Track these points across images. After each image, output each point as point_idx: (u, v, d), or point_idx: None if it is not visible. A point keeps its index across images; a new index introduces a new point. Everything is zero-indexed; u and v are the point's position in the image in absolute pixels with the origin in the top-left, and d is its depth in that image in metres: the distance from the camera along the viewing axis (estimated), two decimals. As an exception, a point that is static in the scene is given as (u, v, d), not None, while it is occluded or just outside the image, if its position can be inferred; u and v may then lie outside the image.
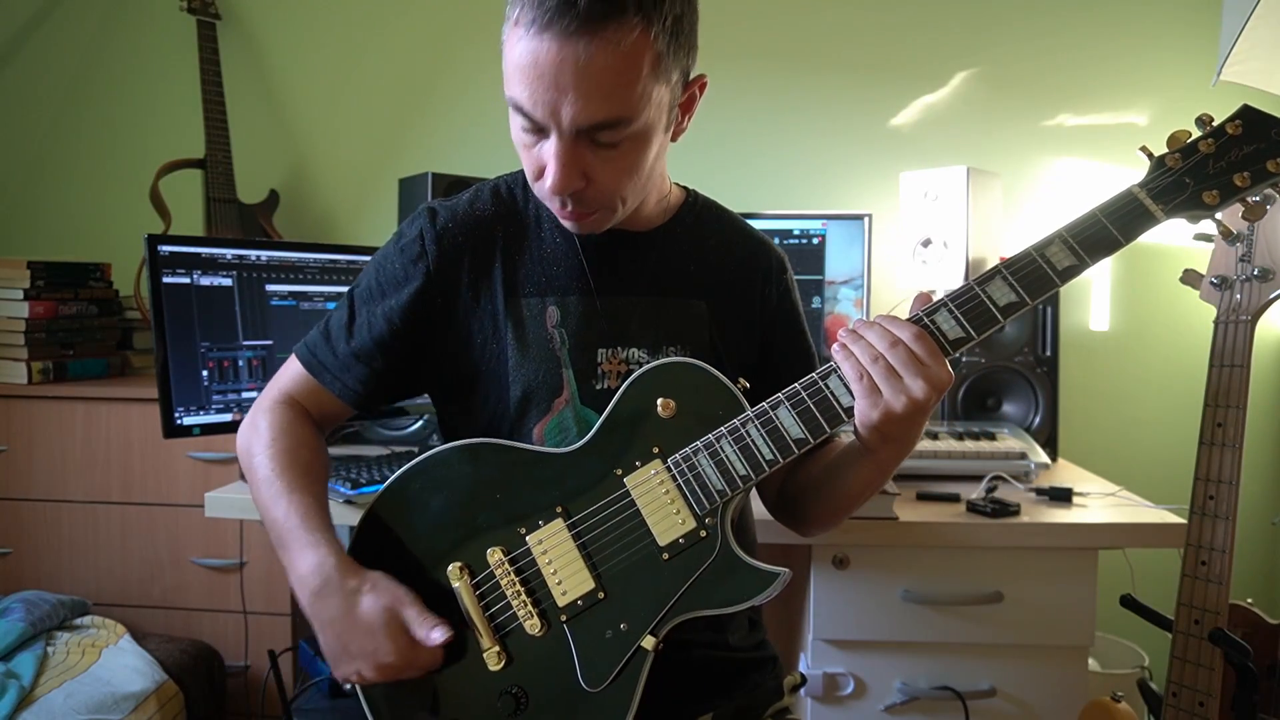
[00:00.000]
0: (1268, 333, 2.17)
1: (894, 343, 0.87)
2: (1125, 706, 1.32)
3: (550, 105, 0.86)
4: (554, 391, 1.02)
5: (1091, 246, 0.88)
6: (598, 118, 0.86)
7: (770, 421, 0.92)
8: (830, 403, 0.91)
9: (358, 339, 1.05)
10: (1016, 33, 2.23)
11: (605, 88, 0.85)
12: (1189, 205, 0.88)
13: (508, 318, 1.02)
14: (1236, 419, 1.25)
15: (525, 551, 0.95)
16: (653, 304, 1.05)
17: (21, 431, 1.99)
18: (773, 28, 2.29)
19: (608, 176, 0.92)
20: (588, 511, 0.95)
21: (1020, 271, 0.89)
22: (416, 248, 1.03)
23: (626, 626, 0.91)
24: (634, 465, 0.95)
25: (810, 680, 1.43)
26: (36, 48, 2.52)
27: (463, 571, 0.95)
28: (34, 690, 1.65)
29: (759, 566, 0.92)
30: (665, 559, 0.92)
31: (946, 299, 0.90)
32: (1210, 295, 1.30)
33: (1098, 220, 0.89)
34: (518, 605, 0.93)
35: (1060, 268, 0.89)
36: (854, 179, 2.30)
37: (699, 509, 0.92)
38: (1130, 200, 0.89)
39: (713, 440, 0.93)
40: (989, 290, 0.89)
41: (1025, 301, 0.89)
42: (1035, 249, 0.89)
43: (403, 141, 2.40)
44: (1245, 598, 1.38)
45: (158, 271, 1.50)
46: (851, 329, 0.90)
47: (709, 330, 1.06)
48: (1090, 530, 1.40)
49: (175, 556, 1.96)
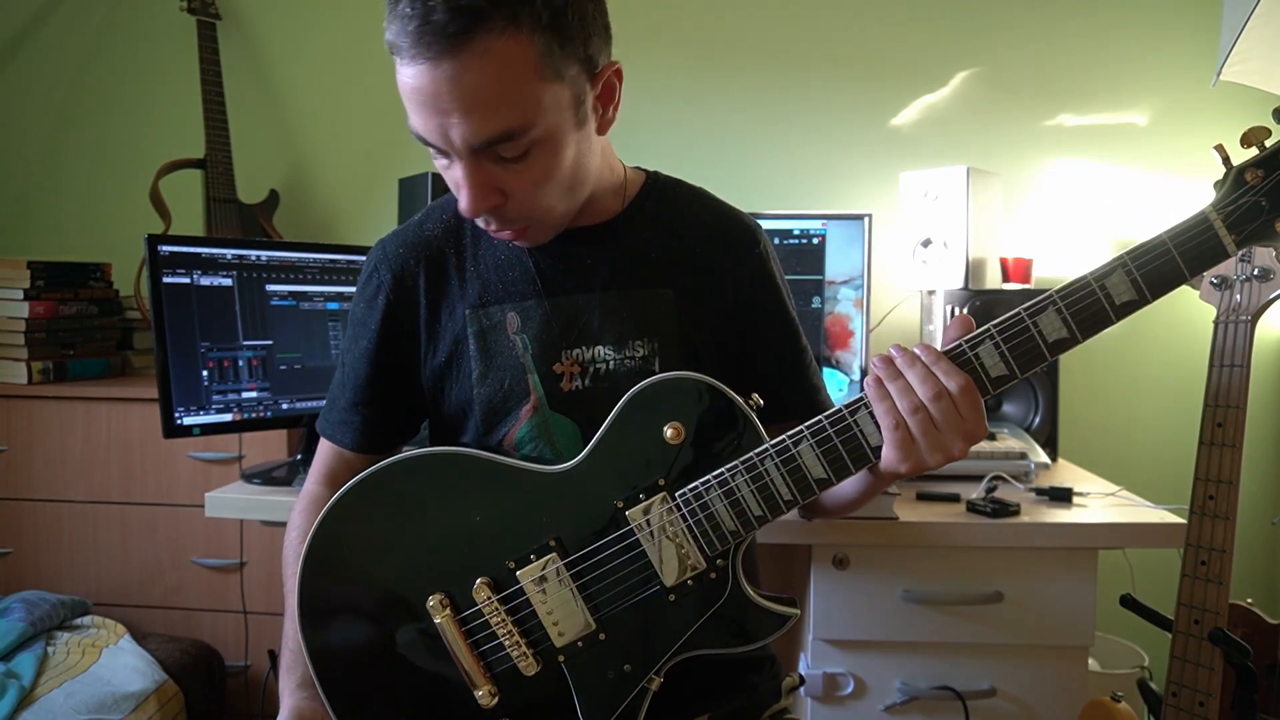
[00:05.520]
0: (1268, 333, 2.17)
1: (938, 395, 0.80)
2: (1125, 706, 1.32)
3: (439, 129, 0.83)
4: (521, 398, 1.00)
5: (1155, 281, 0.79)
6: (487, 134, 0.82)
7: (792, 460, 0.85)
8: (859, 442, 0.84)
9: (350, 390, 1.07)
10: (1016, 33, 2.23)
11: (488, 102, 0.81)
12: (1261, 234, 0.77)
13: (469, 329, 1.01)
14: (1236, 419, 1.25)
15: (518, 590, 0.89)
16: (614, 297, 1.00)
17: (21, 431, 1.99)
18: (772, 28, 2.29)
19: (523, 189, 0.88)
20: (587, 550, 0.88)
21: (1077, 305, 0.79)
22: (374, 283, 1.04)
23: (630, 668, 0.88)
24: (637, 498, 0.88)
25: (810, 680, 1.43)
26: (36, 48, 2.52)
27: (445, 605, 0.89)
28: (34, 690, 1.65)
29: (770, 609, 0.88)
30: (671, 600, 0.87)
31: (993, 329, 0.81)
32: (1210, 295, 1.30)
33: (1165, 250, 0.79)
34: (510, 645, 0.89)
35: (1119, 302, 0.79)
36: (854, 179, 2.30)
37: (709, 550, 0.87)
38: (1203, 228, 0.78)
39: (727, 476, 0.86)
40: (1040, 324, 0.80)
41: (1076, 339, 0.80)
42: (1095, 278, 0.79)
43: (403, 141, 2.37)
44: (1245, 598, 1.38)
45: (158, 271, 1.50)
46: (889, 361, 0.83)
47: (677, 319, 1.01)
48: (1090, 530, 1.40)
49: (175, 556, 1.96)
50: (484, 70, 0.80)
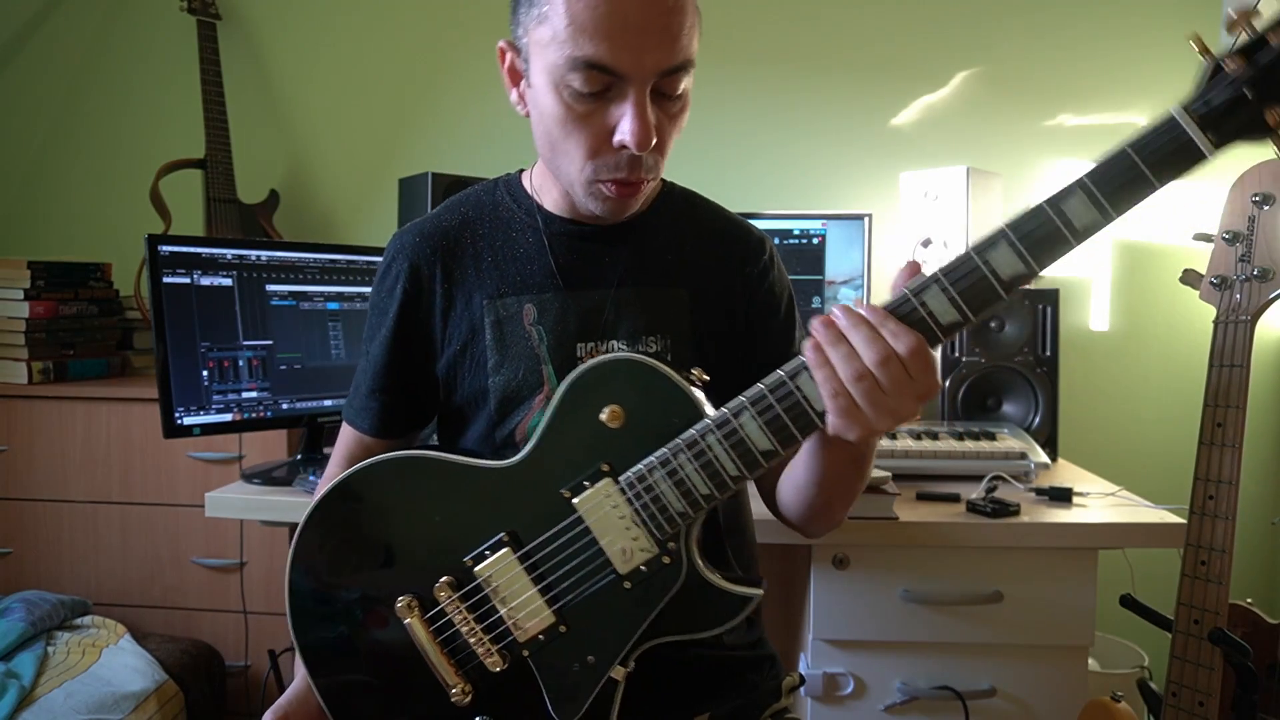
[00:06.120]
0: (1268, 333, 2.17)
1: (886, 359, 0.74)
2: (1125, 706, 1.32)
3: (635, 50, 0.84)
4: (534, 389, 1.01)
5: (1120, 197, 0.72)
6: (682, 57, 0.87)
7: (734, 433, 0.81)
8: (802, 407, 0.80)
9: (370, 377, 1.09)
10: (1016, 33, 2.23)
11: (685, 29, 0.87)
12: (1247, 130, 0.69)
13: (485, 319, 1.02)
14: (1236, 419, 1.25)
15: (477, 587, 0.89)
16: (629, 295, 1.03)
17: (21, 431, 1.99)
18: (772, 28, 2.29)
19: (664, 135, 0.91)
20: (539, 540, 0.88)
21: (1031, 234, 0.74)
22: (392, 273, 1.06)
23: (594, 659, 0.87)
24: (582, 486, 0.86)
25: (810, 680, 1.43)
26: (36, 48, 2.52)
27: (413, 606, 0.90)
28: (34, 690, 1.65)
29: (730, 590, 0.86)
30: (628, 588, 0.86)
31: (940, 273, 0.76)
32: (1210, 295, 1.30)
33: (1128, 160, 0.71)
34: (475, 642, 0.89)
35: (1079, 225, 0.72)
36: (854, 179, 2.30)
37: (659, 534, 0.85)
38: (1169, 129, 0.71)
39: (669, 456, 0.83)
40: (991, 260, 0.74)
41: (1033, 272, 0.74)
42: (1050, 203, 0.73)
43: (403, 141, 2.40)
44: (1245, 598, 1.38)
45: (158, 271, 1.50)
46: (830, 323, 0.77)
47: (690, 318, 1.04)
48: (1090, 530, 1.40)
49: (175, 556, 1.96)
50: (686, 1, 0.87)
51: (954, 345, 1.82)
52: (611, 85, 0.86)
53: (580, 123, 0.89)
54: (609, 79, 0.86)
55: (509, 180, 1.10)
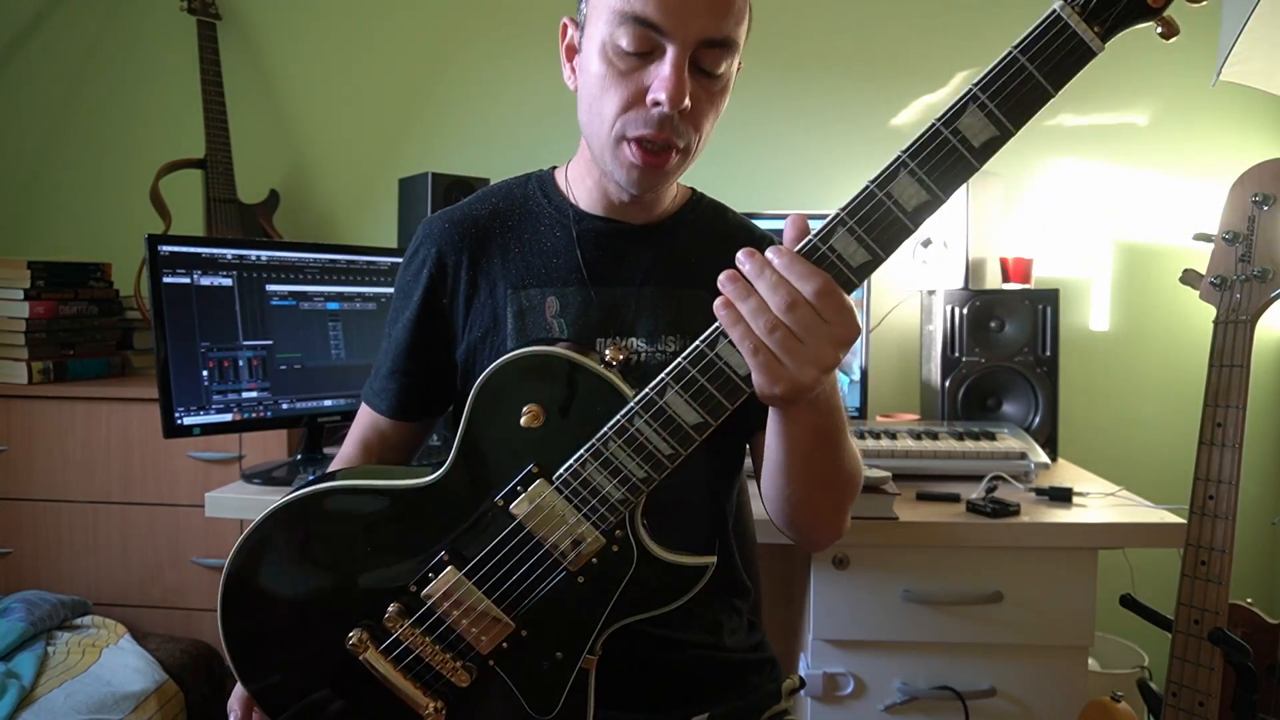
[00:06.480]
0: (1268, 333, 2.17)
1: (793, 303, 0.72)
2: (1125, 706, 1.32)
3: (681, 12, 0.87)
4: None
5: (1015, 108, 0.70)
6: (725, 31, 0.90)
7: (661, 412, 0.79)
8: (726, 374, 0.78)
9: (390, 358, 1.10)
10: (1016, 33, 2.23)
11: (733, 8, 0.90)
12: (1129, 14, 0.69)
13: (508, 309, 1.03)
14: (1236, 419, 1.25)
15: (428, 610, 0.86)
16: (652, 293, 1.04)
17: (21, 431, 1.99)
18: (773, 28, 2.29)
19: (700, 108, 0.93)
20: (483, 554, 0.85)
21: (930, 159, 0.72)
22: (419, 258, 1.07)
23: (562, 655, 0.86)
24: (516, 491, 0.83)
25: (810, 680, 1.43)
26: (36, 48, 2.52)
27: (365, 641, 0.86)
28: (34, 690, 1.65)
29: (683, 563, 0.85)
30: (581, 582, 0.85)
31: (843, 213, 0.74)
32: (1210, 295, 1.30)
33: (1018, 66, 0.70)
34: (438, 663, 0.87)
35: (978, 143, 0.71)
36: (854, 179, 2.28)
37: (603, 524, 0.83)
38: (1055, 27, 0.70)
39: (599, 446, 0.81)
40: (894, 192, 0.73)
41: (939, 199, 0.72)
42: (942, 122, 0.71)
43: (403, 141, 2.40)
44: (1245, 598, 1.38)
45: (158, 271, 1.50)
46: (735, 276, 0.75)
47: (710, 321, 1.04)
48: (1090, 530, 1.40)
49: (175, 556, 1.96)
50: None
51: (954, 345, 1.82)
52: (654, 49, 0.89)
53: (619, 79, 0.91)
54: (653, 39, 0.88)
55: (542, 176, 1.11)
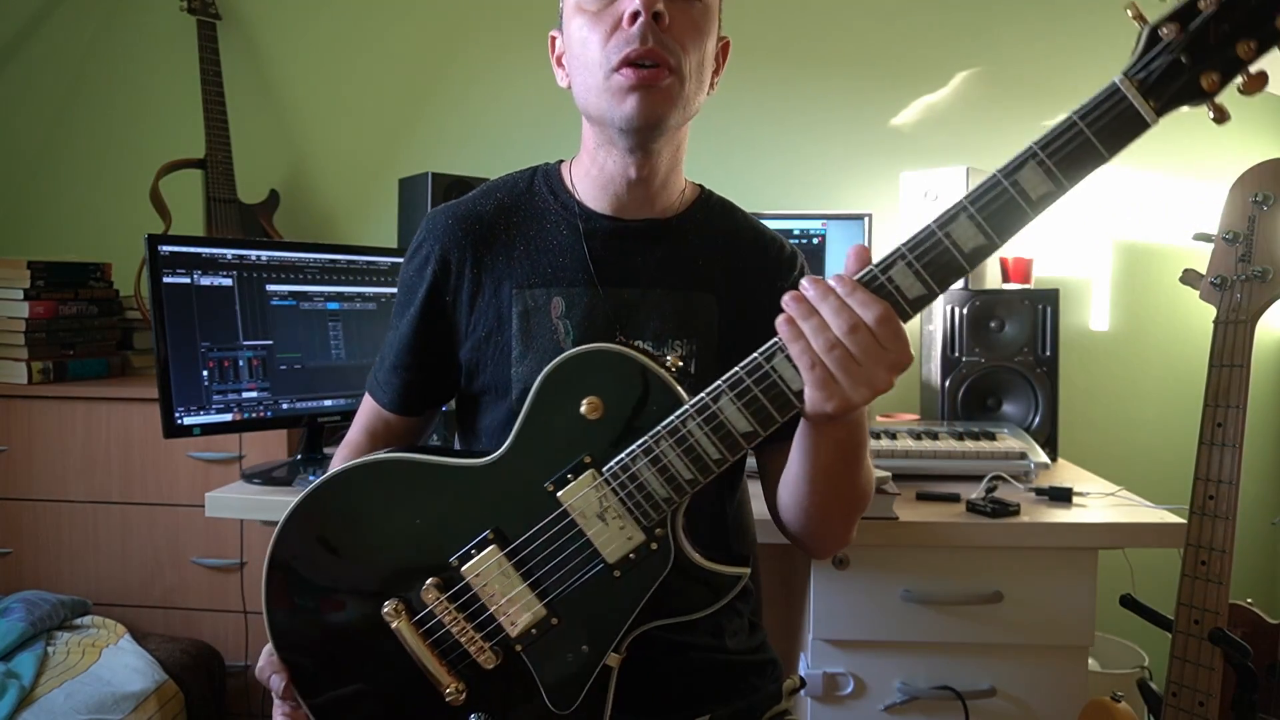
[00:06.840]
0: (1268, 333, 2.17)
1: (854, 327, 0.76)
2: (1125, 706, 1.32)
3: None
4: None
5: (1071, 167, 0.75)
6: None
7: (714, 417, 0.82)
8: (779, 388, 0.81)
9: (393, 353, 1.10)
10: (1016, 33, 2.23)
11: None
12: (1186, 95, 0.72)
13: (513, 309, 1.03)
14: (1236, 419, 1.25)
15: (465, 586, 0.88)
16: (660, 296, 1.03)
17: (21, 431, 1.99)
18: (772, 28, 2.29)
19: (681, 27, 0.93)
20: (525, 536, 0.87)
21: (989, 206, 0.76)
22: (422, 253, 1.06)
23: (589, 649, 0.87)
24: (566, 479, 0.86)
25: (810, 680, 1.43)
26: (36, 48, 2.52)
27: (399, 611, 0.89)
28: (34, 690, 1.65)
29: (718, 571, 0.87)
30: (617, 576, 0.86)
31: (904, 249, 0.78)
32: (1210, 295, 1.30)
33: (1076, 131, 0.74)
34: (466, 641, 0.88)
35: (1035, 195, 0.75)
36: (854, 179, 2.30)
37: (646, 521, 0.85)
38: (1114, 99, 0.73)
39: (651, 444, 0.84)
40: (953, 233, 0.77)
41: (994, 244, 0.76)
42: (1004, 174, 0.76)
43: (403, 141, 2.40)
44: (1245, 598, 1.38)
45: (158, 271, 1.50)
46: (801, 297, 0.79)
47: (717, 324, 1.05)
48: (1090, 530, 1.40)
49: (175, 556, 1.96)
50: None
51: (954, 345, 1.82)
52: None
53: (595, 20, 0.93)
54: None
55: (547, 170, 1.10)
